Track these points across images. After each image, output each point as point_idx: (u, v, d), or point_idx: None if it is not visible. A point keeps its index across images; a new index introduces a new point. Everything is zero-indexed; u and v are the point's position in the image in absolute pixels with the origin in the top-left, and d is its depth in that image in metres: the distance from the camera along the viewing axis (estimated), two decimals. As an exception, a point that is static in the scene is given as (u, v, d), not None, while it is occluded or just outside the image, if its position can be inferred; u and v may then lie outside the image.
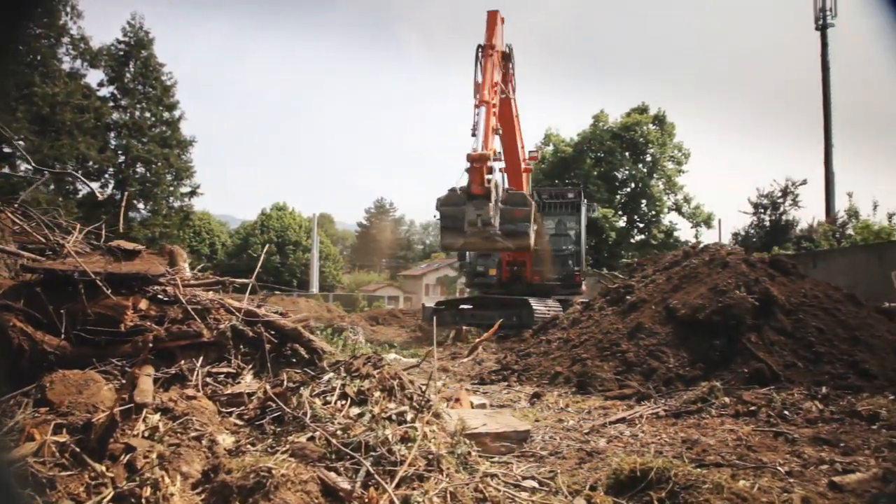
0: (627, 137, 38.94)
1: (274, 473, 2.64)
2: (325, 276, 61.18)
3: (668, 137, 39.49)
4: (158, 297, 4.31)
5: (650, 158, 39.67)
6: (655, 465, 3.27)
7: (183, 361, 3.95)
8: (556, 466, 4.06)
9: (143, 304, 4.15)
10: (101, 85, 34.18)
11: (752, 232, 32.83)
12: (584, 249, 20.37)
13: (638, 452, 4.32)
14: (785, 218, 32.37)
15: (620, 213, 39.14)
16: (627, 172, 39.29)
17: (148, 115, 35.76)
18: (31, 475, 2.59)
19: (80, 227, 4.78)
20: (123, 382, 3.42)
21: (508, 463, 4.08)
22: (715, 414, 5.71)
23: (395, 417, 3.45)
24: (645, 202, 39.54)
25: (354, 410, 3.49)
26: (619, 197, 39.57)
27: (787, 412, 5.51)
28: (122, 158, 34.85)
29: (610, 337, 8.54)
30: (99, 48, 32.66)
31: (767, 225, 32.64)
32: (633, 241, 39.27)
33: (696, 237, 38.74)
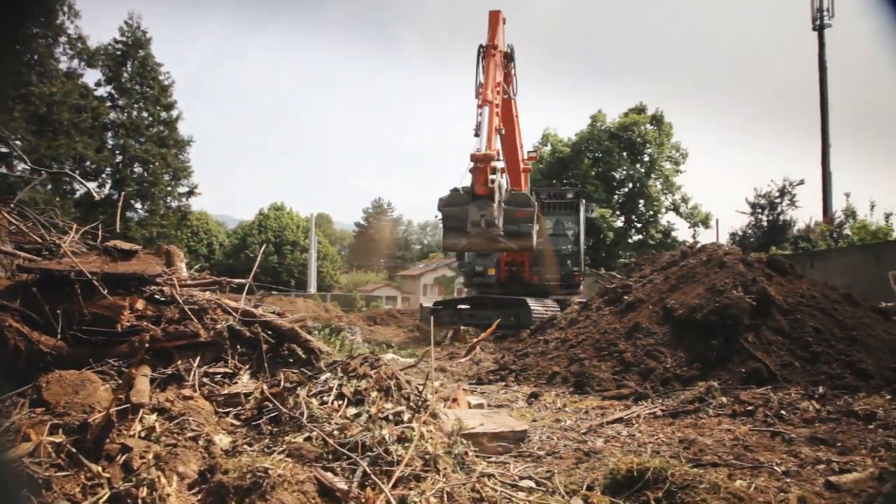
0: (625, 137, 38.99)
1: (270, 474, 2.64)
2: (322, 276, 61.14)
3: (665, 137, 39.55)
4: (155, 297, 4.31)
5: (648, 158, 39.75)
6: (652, 464, 3.28)
7: (180, 361, 3.95)
8: (553, 466, 4.06)
9: (139, 304, 4.14)
10: (98, 85, 34.10)
11: (749, 232, 32.90)
12: (582, 250, 20.39)
13: (635, 452, 4.33)
14: (782, 218, 32.46)
15: (618, 213, 39.19)
16: (625, 172, 39.34)
17: (145, 114, 35.67)
18: (27, 476, 2.59)
19: (76, 227, 4.78)
20: (120, 383, 3.42)
21: (505, 463, 4.08)
22: (712, 414, 5.72)
23: (391, 417, 3.44)
24: (643, 202, 39.60)
25: (351, 410, 3.49)
26: (616, 197, 39.63)
27: (784, 412, 5.52)
28: (119, 158, 34.74)
29: (607, 337, 8.54)
30: (96, 48, 32.58)
31: (765, 225, 32.70)
32: (630, 241, 39.33)
33: (693, 237, 38.88)
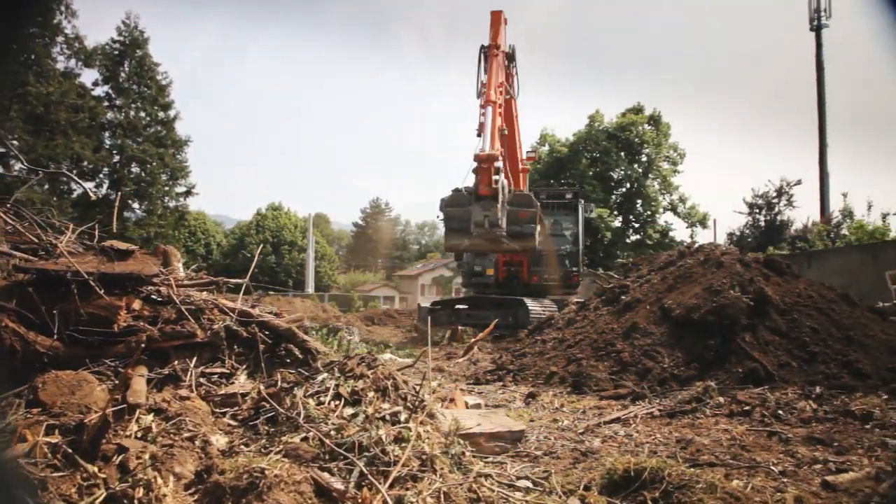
0: (623, 137, 39.02)
1: (267, 474, 2.64)
2: (320, 276, 61.14)
3: (663, 138, 39.59)
4: (152, 297, 4.30)
5: (645, 158, 39.79)
6: (649, 464, 3.28)
7: (176, 362, 3.94)
8: (550, 466, 4.06)
9: (136, 304, 4.13)
10: (95, 84, 34.13)
11: (747, 232, 32.90)
12: (581, 250, 20.42)
13: (632, 452, 4.33)
14: (780, 218, 32.45)
15: (616, 213, 39.23)
16: (623, 172, 39.37)
17: (143, 114, 35.70)
18: (23, 476, 2.58)
19: (73, 227, 4.76)
20: (116, 383, 3.41)
21: (503, 463, 4.07)
22: (709, 414, 5.72)
23: (388, 418, 3.44)
24: (640, 202, 39.64)
25: (348, 411, 3.48)
26: (614, 197, 39.67)
27: (781, 412, 5.53)
28: (116, 158, 34.75)
29: (605, 337, 8.55)
30: (93, 47, 32.59)
31: (762, 225, 32.70)
32: (628, 241, 39.37)
33: (691, 237, 38.90)
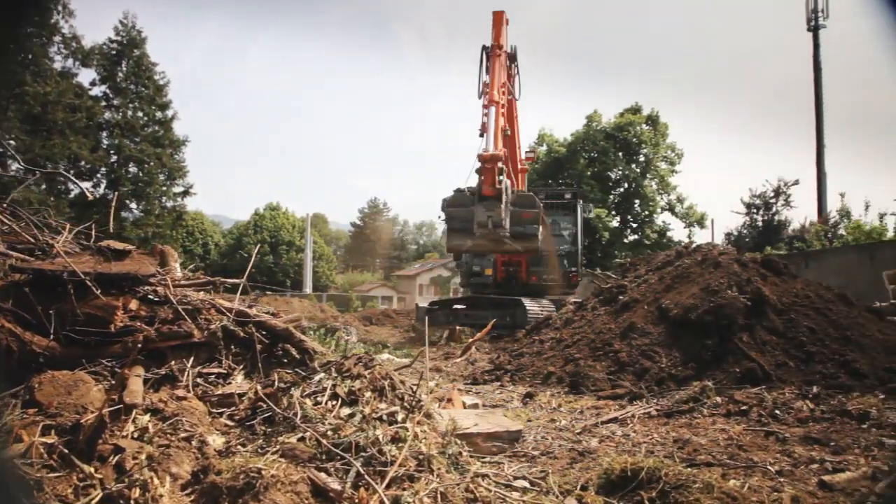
0: (621, 138, 39.01)
1: (264, 474, 2.63)
2: (318, 276, 61.10)
3: (661, 138, 39.59)
4: (149, 297, 4.29)
5: (643, 159, 39.76)
6: (646, 464, 3.28)
7: (173, 362, 3.93)
8: (547, 466, 4.07)
9: (133, 304, 4.12)
10: (93, 84, 34.04)
11: (744, 232, 32.94)
12: (580, 250, 20.43)
13: (629, 452, 4.33)
14: (777, 218, 32.49)
15: (614, 213, 39.23)
16: (621, 172, 39.35)
17: (140, 114, 35.62)
18: (20, 477, 2.58)
19: (69, 226, 4.75)
20: (113, 383, 3.40)
21: (500, 463, 4.08)
22: (706, 413, 5.73)
23: (385, 418, 3.44)
24: (638, 202, 39.63)
25: (345, 411, 3.48)
26: (612, 197, 39.65)
27: (778, 412, 5.54)
28: (114, 158, 34.69)
29: (602, 337, 8.55)
30: (91, 47, 32.52)
31: (760, 225, 32.74)
32: (626, 241, 39.35)
33: (689, 237, 38.90)
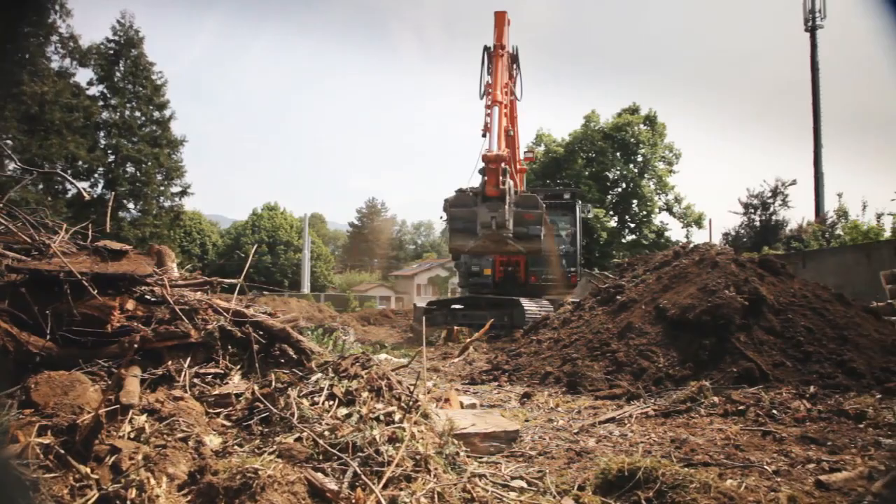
0: (619, 138, 39.01)
1: (260, 474, 2.63)
2: (316, 276, 61.09)
3: (658, 138, 39.59)
4: (146, 297, 4.28)
5: (641, 159, 39.76)
6: (643, 464, 3.28)
7: (170, 362, 3.92)
8: (544, 466, 4.07)
9: (130, 304, 4.12)
10: (90, 84, 33.91)
11: (742, 232, 33.04)
12: (579, 250, 20.43)
13: (626, 452, 4.34)
14: (775, 218, 32.59)
15: (611, 213, 39.24)
16: (618, 172, 39.35)
17: (138, 114, 35.52)
18: (15, 477, 2.57)
19: (66, 227, 4.74)
20: (109, 383, 3.39)
21: (497, 463, 4.07)
22: (704, 413, 5.73)
23: (382, 418, 3.43)
24: (636, 202, 39.62)
25: (342, 411, 3.47)
26: (610, 197, 39.65)
27: (775, 411, 5.55)
28: (111, 158, 34.61)
29: (600, 337, 8.56)
30: (88, 47, 32.38)
31: (757, 225, 32.83)
32: (624, 241, 39.34)
33: (686, 237, 38.90)
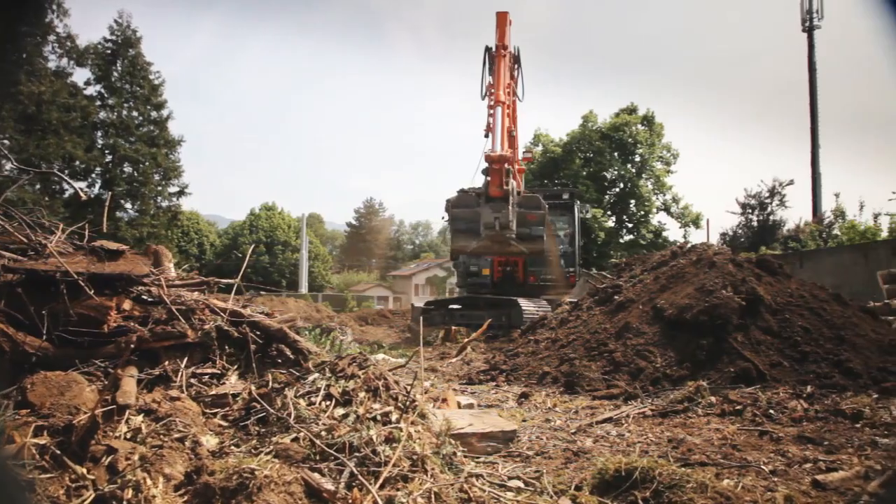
0: (616, 138, 39.05)
1: (257, 475, 2.62)
2: (314, 276, 61.04)
3: (656, 138, 39.64)
4: (142, 297, 4.28)
5: (639, 159, 39.81)
6: (640, 464, 3.28)
7: (167, 362, 3.92)
8: (541, 466, 4.07)
9: (126, 304, 4.11)
10: (87, 84, 33.88)
11: (739, 232, 33.05)
12: (578, 250, 20.45)
13: (624, 452, 4.34)
14: (772, 218, 32.61)
15: (609, 213, 39.27)
16: (616, 172, 39.39)
17: (135, 114, 35.50)
18: (13, 478, 2.57)
19: (62, 227, 4.73)
20: (106, 383, 3.39)
21: (494, 463, 4.07)
22: (701, 413, 5.73)
23: (379, 418, 3.43)
24: (634, 202, 39.66)
25: (339, 411, 3.47)
26: (608, 197, 39.68)
27: (772, 411, 5.55)
28: (109, 158, 34.57)
29: (598, 337, 8.57)
30: (85, 46, 32.39)
31: (755, 225, 32.85)
32: (621, 240, 39.38)
33: (684, 237, 38.96)
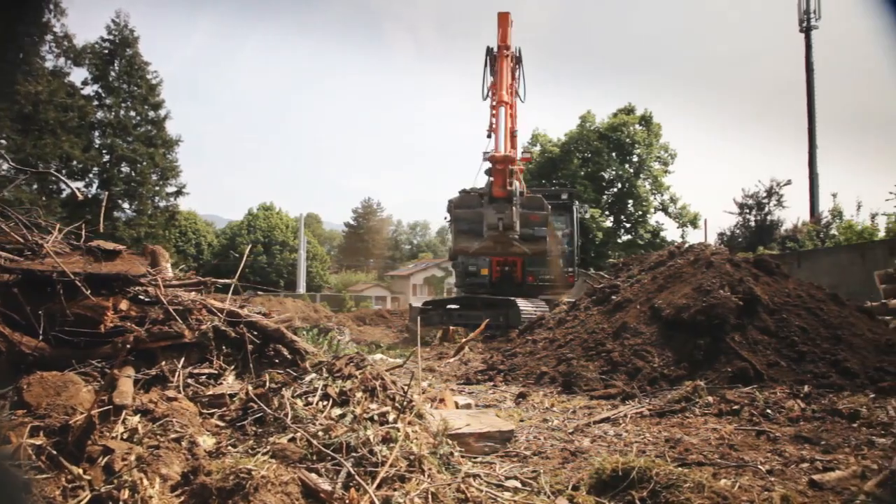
0: (614, 138, 39.10)
1: (254, 475, 2.62)
2: (312, 276, 61.03)
3: (654, 138, 39.70)
4: (139, 297, 4.27)
5: (637, 159, 39.87)
6: (637, 464, 3.28)
7: (164, 362, 3.90)
8: (539, 466, 4.07)
9: (123, 304, 4.10)
10: (85, 83, 33.80)
11: (737, 232, 33.10)
12: (576, 250, 20.46)
13: (621, 452, 4.34)
14: (770, 218, 32.65)
15: (607, 213, 39.31)
16: (614, 173, 39.44)
17: (133, 113, 35.44)
18: (11, 478, 2.56)
19: (59, 227, 4.72)
20: (102, 384, 3.38)
21: (491, 463, 4.07)
22: (698, 413, 5.74)
23: (376, 418, 3.43)
24: (631, 202, 39.72)
25: (336, 411, 3.47)
26: (605, 197, 39.73)
27: (769, 411, 5.55)
28: (106, 158, 34.51)
29: (595, 337, 8.57)
30: (83, 46, 32.34)
31: (752, 225, 32.90)
32: (619, 241, 39.44)
33: (682, 237, 39.04)
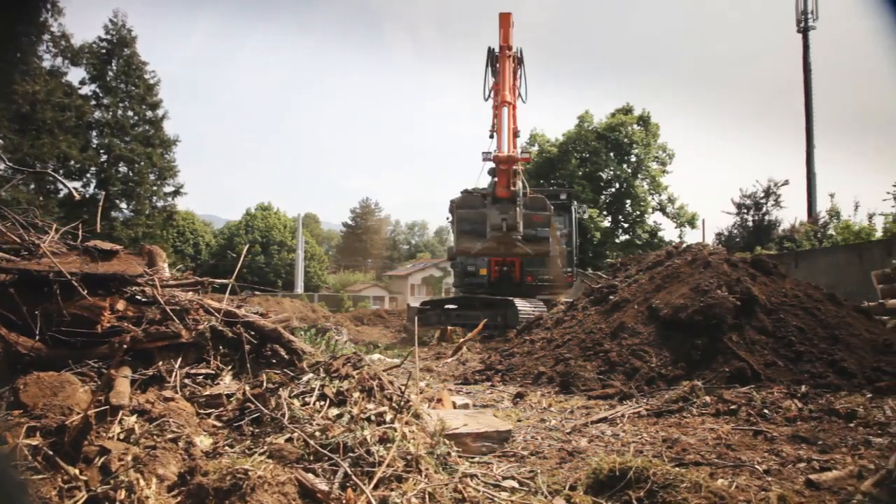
0: (612, 138, 39.14)
1: (251, 475, 2.62)
2: (310, 276, 61.01)
3: (652, 138, 39.76)
4: (136, 297, 4.26)
5: (635, 159, 39.92)
6: (634, 464, 3.28)
7: (161, 362, 3.90)
8: (536, 466, 4.07)
9: (120, 304, 4.10)
10: (82, 83, 33.85)
11: (735, 232, 33.16)
12: (575, 250, 20.48)
13: (618, 452, 4.34)
14: (767, 218, 32.73)
15: (605, 213, 39.35)
16: (612, 173, 39.48)
17: (130, 113, 35.43)
18: (10, 478, 2.56)
19: (56, 226, 4.71)
20: (99, 384, 3.38)
21: (489, 463, 4.07)
22: (696, 413, 5.74)
23: (373, 418, 3.42)
24: (629, 202, 39.77)
25: (333, 411, 3.46)
26: (603, 197, 39.77)
27: (766, 411, 5.56)
28: (104, 158, 34.48)
29: (593, 337, 8.57)
30: (80, 46, 32.36)
31: (750, 225, 32.96)
32: (617, 241, 39.48)
33: (679, 237, 39.10)
